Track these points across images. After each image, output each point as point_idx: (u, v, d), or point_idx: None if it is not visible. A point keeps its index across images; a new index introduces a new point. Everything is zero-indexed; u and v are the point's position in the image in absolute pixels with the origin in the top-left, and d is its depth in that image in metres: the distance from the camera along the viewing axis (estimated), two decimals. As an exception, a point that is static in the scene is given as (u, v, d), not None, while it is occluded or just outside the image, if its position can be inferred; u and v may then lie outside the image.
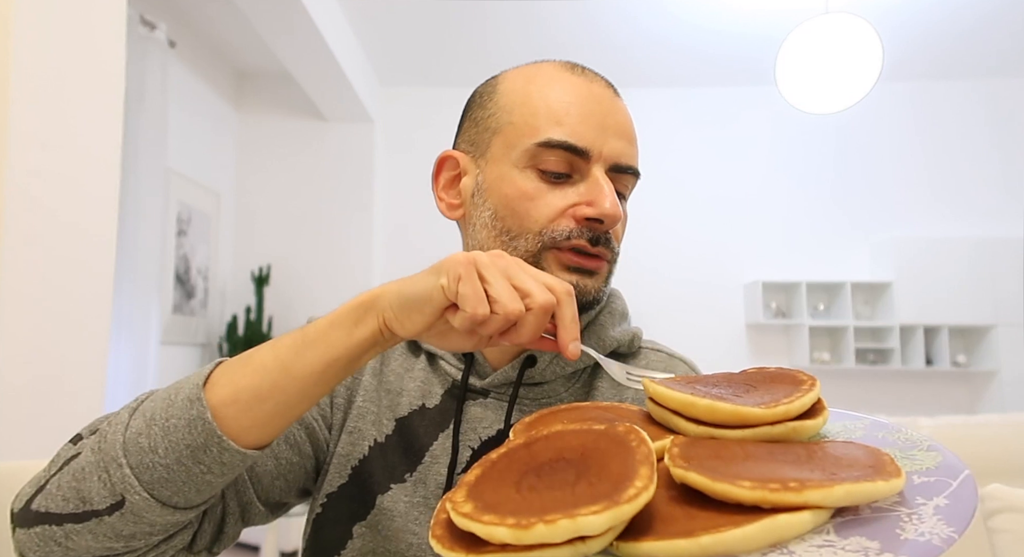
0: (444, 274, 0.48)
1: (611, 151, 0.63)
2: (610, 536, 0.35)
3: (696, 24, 3.85)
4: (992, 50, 4.13)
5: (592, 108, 0.63)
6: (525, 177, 0.62)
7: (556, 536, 0.33)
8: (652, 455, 0.39)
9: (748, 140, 4.63)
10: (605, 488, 0.36)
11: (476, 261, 0.48)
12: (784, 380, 0.48)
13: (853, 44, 2.62)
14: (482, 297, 0.47)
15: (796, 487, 0.34)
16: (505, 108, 0.65)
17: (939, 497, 0.35)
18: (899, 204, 4.53)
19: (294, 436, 0.65)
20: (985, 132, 4.50)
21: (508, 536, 0.34)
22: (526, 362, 0.65)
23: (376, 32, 4.01)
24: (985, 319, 4.21)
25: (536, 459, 0.42)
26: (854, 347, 4.27)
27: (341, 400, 0.70)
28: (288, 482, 0.65)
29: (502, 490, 0.40)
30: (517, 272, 0.48)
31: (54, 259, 1.41)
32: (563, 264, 0.61)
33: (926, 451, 0.41)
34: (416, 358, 0.71)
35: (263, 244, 4.44)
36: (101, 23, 1.52)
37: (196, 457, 0.49)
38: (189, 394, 0.50)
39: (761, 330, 4.56)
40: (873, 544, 0.32)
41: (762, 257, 4.55)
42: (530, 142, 0.62)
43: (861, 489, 0.34)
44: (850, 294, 4.32)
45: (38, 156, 1.36)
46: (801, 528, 0.33)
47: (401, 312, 0.49)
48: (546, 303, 0.47)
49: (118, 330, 3.03)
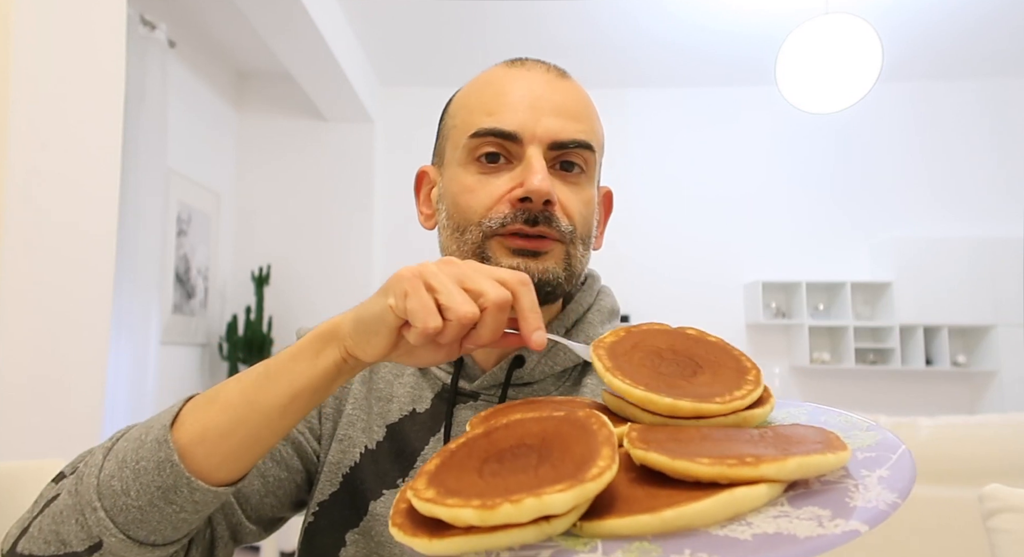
0: (391, 293, 0.47)
1: (546, 130, 0.62)
2: (574, 516, 0.36)
3: (696, 24, 3.85)
4: (992, 50, 4.13)
5: (524, 93, 0.64)
6: (466, 172, 0.64)
7: (522, 515, 0.34)
8: (613, 437, 0.39)
9: (748, 140, 4.63)
10: (569, 469, 0.37)
11: (423, 273, 0.47)
12: (726, 362, 0.49)
13: (853, 44, 2.63)
14: (431, 309, 0.45)
15: (752, 462, 0.35)
16: (451, 114, 0.69)
17: (881, 469, 0.38)
18: (899, 204, 4.53)
19: (280, 452, 0.66)
20: (985, 132, 4.50)
21: (473, 517, 0.34)
22: (514, 362, 0.65)
23: (376, 32, 4.01)
24: (985, 319, 4.20)
25: (497, 446, 0.43)
26: (854, 347, 4.27)
27: (330, 410, 0.70)
28: (279, 498, 0.66)
29: (464, 476, 0.40)
30: (469, 274, 0.47)
31: (54, 259, 1.41)
32: (507, 249, 0.61)
33: (865, 431, 0.44)
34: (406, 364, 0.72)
35: (263, 244, 4.44)
36: (101, 23, 1.52)
37: (167, 498, 0.49)
38: (157, 435, 0.50)
39: (761, 330, 4.56)
40: (825, 512, 0.34)
41: (762, 257, 4.55)
42: (465, 137, 0.64)
43: (812, 461, 0.36)
44: (850, 294, 4.32)
45: (38, 156, 1.36)
46: (758, 501, 0.35)
47: (360, 338, 0.48)
48: (500, 299, 0.46)
49: (118, 330, 3.03)
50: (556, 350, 0.66)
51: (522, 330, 0.49)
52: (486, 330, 0.47)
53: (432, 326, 0.45)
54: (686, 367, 0.49)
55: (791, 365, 4.48)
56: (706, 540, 0.33)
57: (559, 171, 0.63)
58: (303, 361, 0.50)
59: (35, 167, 1.36)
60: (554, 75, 0.67)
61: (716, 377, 0.47)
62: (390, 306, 0.47)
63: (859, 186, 4.56)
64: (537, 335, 0.48)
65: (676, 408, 0.43)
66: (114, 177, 1.55)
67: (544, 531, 0.35)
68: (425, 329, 0.45)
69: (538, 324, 0.48)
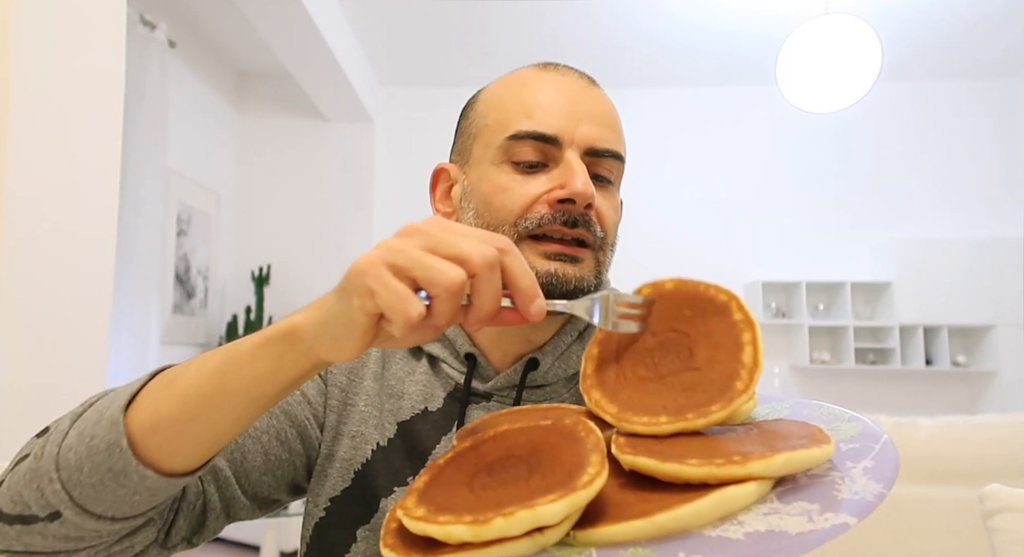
0: (354, 294, 0.41)
1: (584, 136, 0.62)
2: (567, 525, 0.36)
3: (696, 24, 3.85)
4: (992, 50, 4.13)
5: (562, 97, 0.64)
6: (500, 171, 0.63)
7: (515, 528, 0.33)
8: (602, 443, 0.39)
9: (748, 140, 4.63)
10: (559, 478, 0.37)
11: (385, 257, 0.41)
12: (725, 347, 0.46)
13: (853, 44, 2.63)
14: (408, 297, 0.40)
15: (740, 460, 0.35)
16: (482, 113, 0.68)
17: (865, 460, 0.38)
18: (899, 204, 4.53)
19: (285, 433, 0.65)
20: (985, 132, 4.50)
21: (466, 533, 0.34)
22: (529, 364, 0.65)
23: (376, 32, 4.01)
24: (985, 319, 4.20)
25: (485, 459, 0.42)
26: (854, 347, 4.27)
27: (335, 402, 0.69)
28: (276, 478, 0.65)
29: (455, 491, 0.39)
30: (442, 239, 0.41)
31: (54, 259, 1.41)
32: (543, 254, 0.60)
33: (847, 422, 0.44)
34: (417, 361, 0.71)
35: (263, 244, 4.44)
36: (101, 23, 1.52)
37: (119, 481, 0.47)
38: (112, 414, 0.47)
39: (761, 330, 4.56)
40: (814, 506, 0.34)
41: (762, 257, 4.55)
42: (502, 137, 0.63)
43: (799, 456, 0.36)
44: (850, 294, 4.32)
45: (38, 156, 1.36)
46: (748, 499, 0.35)
47: (332, 343, 0.43)
48: (487, 257, 0.41)
49: (118, 330, 3.03)
50: (569, 352, 0.66)
51: (519, 304, 0.44)
52: (485, 297, 0.42)
53: (415, 314, 0.40)
54: (681, 353, 0.47)
55: (791, 365, 4.48)
56: (700, 542, 0.33)
57: (592, 181, 0.63)
58: (264, 363, 0.46)
59: (35, 167, 1.36)
60: (587, 82, 0.67)
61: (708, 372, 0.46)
62: (358, 309, 0.41)
63: (859, 186, 4.56)
64: (536, 306, 0.43)
65: (653, 428, 0.43)
66: (114, 177, 1.55)
67: (538, 542, 0.35)
68: (408, 321, 0.40)
69: (535, 293, 0.43)
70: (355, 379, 0.70)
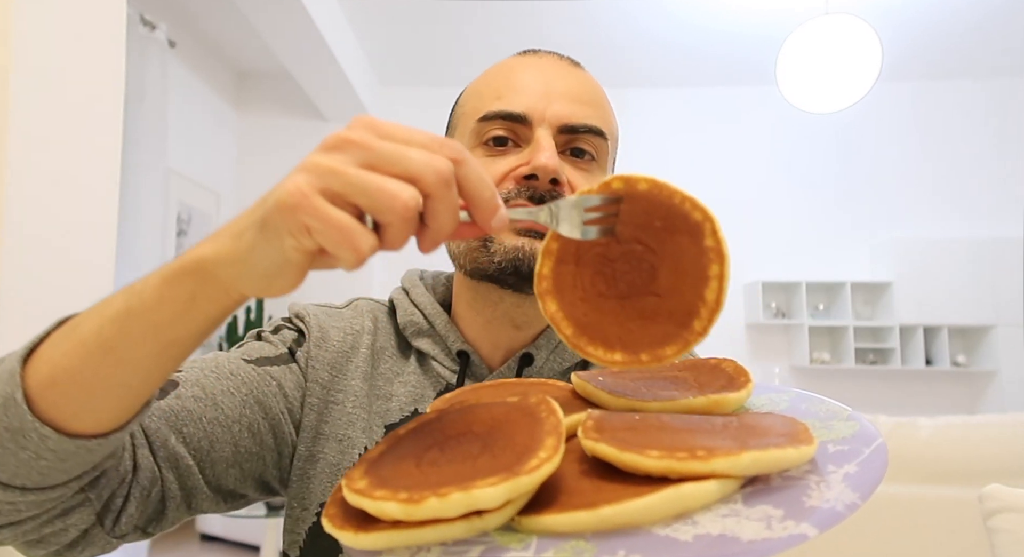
0: (284, 232, 0.35)
1: (556, 113, 0.61)
2: (510, 510, 0.34)
3: (696, 24, 3.85)
4: (993, 50, 4.13)
5: (536, 78, 0.63)
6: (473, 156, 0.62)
7: (449, 510, 0.32)
8: (561, 426, 0.37)
9: (748, 140, 4.63)
10: (507, 460, 0.35)
11: (319, 184, 0.35)
12: (691, 272, 0.43)
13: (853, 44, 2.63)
14: (353, 229, 0.34)
15: (704, 456, 0.33)
16: (461, 103, 0.68)
17: (850, 464, 0.35)
18: (899, 204, 4.53)
19: (258, 425, 0.61)
20: (985, 132, 4.50)
21: (398, 512, 0.32)
22: (523, 360, 0.65)
23: (376, 32, 4.01)
24: (985, 319, 4.20)
25: (444, 433, 0.41)
26: (854, 347, 4.27)
27: (316, 400, 0.65)
28: (243, 471, 0.61)
29: (402, 465, 0.38)
30: (382, 152, 0.35)
31: (54, 259, 1.41)
32: (511, 229, 0.60)
33: (845, 421, 0.41)
34: (406, 360, 0.69)
35: (263, 244, 4.44)
36: (101, 23, 1.52)
37: (18, 441, 0.41)
38: (10, 365, 0.42)
39: (761, 330, 4.56)
40: (777, 512, 0.31)
41: (762, 257, 4.55)
42: (473, 121, 0.63)
43: (769, 456, 0.33)
44: (850, 294, 4.32)
45: (38, 156, 1.36)
46: (707, 498, 0.32)
47: (261, 281, 0.38)
48: (442, 173, 0.35)
49: (118, 330, 3.03)
50: (564, 345, 0.66)
51: (478, 219, 0.38)
52: (443, 218, 0.36)
53: (367, 249, 0.35)
54: (644, 271, 0.43)
55: (791, 365, 4.48)
56: (644, 540, 0.31)
57: (569, 157, 0.63)
58: (172, 304, 0.40)
59: (35, 167, 1.36)
60: (567, 63, 0.66)
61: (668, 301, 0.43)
62: (292, 249, 0.35)
63: (859, 186, 4.56)
64: (498, 217, 0.39)
65: (606, 362, 0.41)
66: (114, 177, 1.55)
67: (475, 526, 0.33)
68: (359, 257, 0.35)
69: (495, 203, 0.38)
70: (338, 375, 0.67)
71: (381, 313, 0.73)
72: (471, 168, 0.37)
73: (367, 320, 0.71)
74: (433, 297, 0.72)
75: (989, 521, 1.08)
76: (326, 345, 0.68)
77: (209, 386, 0.60)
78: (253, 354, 0.66)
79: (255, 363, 0.65)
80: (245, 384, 0.62)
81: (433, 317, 0.69)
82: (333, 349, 0.68)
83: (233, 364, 0.63)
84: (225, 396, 0.60)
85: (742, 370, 0.46)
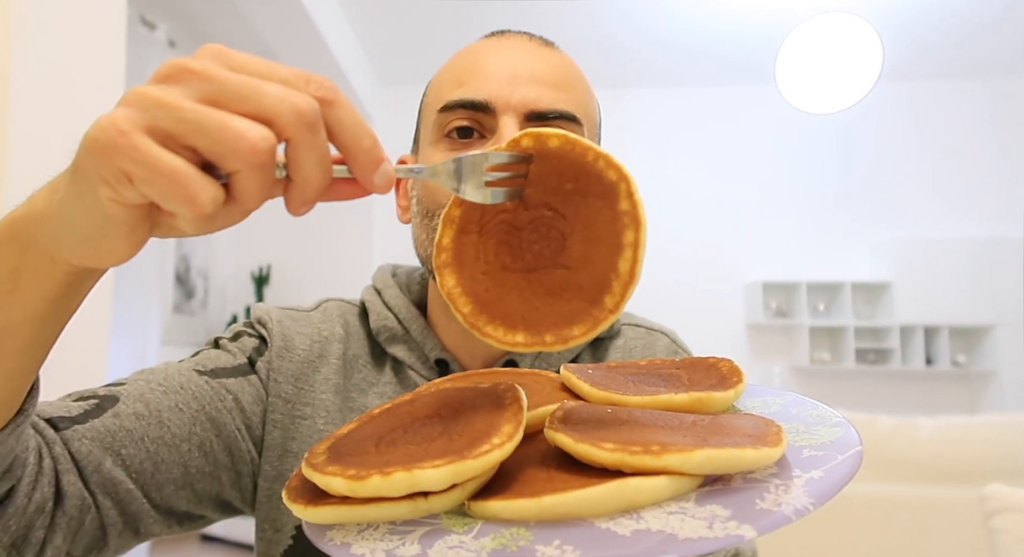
0: (99, 181, 0.28)
1: (522, 98, 0.56)
2: (458, 494, 0.34)
3: (696, 24, 3.85)
4: (993, 50, 4.13)
5: (502, 62, 0.58)
6: (435, 150, 0.59)
7: (392, 490, 0.32)
8: (522, 413, 0.36)
9: (748, 140, 4.63)
10: (460, 444, 0.35)
11: (143, 120, 0.27)
12: (604, 240, 0.39)
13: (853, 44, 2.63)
14: (189, 177, 0.27)
15: (657, 451, 0.32)
16: (426, 93, 0.64)
17: (817, 470, 0.34)
18: (899, 204, 4.53)
19: (210, 443, 0.56)
20: (985, 132, 4.50)
21: (343, 487, 0.32)
22: (506, 367, 0.62)
23: (376, 32, 4.01)
24: (985, 319, 4.20)
25: (414, 415, 0.40)
26: (854, 347, 4.27)
27: (279, 416, 0.60)
28: (196, 493, 0.56)
29: (363, 444, 0.38)
30: (231, 84, 0.28)
31: (54, 259, 1.41)
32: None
33: (831, 427, 0.39)
34: (381, 369, 0.64)
35: (263, 244, 4.44)
36: (101, 23, 1.52)
37: None
38: None
39: (761, 330, 4.56)
40: (725, 512, 0.30)
41: (762, 257, 4.55)
42: (434, 112, 0.59)
43: (725, 455, 0.32)
44: (850, 294, 4.32)
45: (38, 157, 1.36)
46: (655, 494, 0.32)
47: (80, 245, 0.31)
48: (304, 112, 0.28)
49: (118, 330, 3.03)
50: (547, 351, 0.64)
51: (356, 169, 0.32)
52: (308, 168, 0.30)
53: (208, 201, 0.28)
54: (553, 240, 0.40)
55: (791, 365, 4.48)
56: (581, 532, 0.30)
57: None
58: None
59: (35, 168, 1.36)
60: (537, 43, 0.61)
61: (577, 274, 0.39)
62: (110, 201, 0.28)
63: (859, 186, 4.56)
64: (382, 171, 0.32)
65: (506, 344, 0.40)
66: (114, 177, 1.55)
67: (420, 508, 0.33)
68: (199, 212, 0.28)
69: (378, 154, 0.32)
70: (304, 387, 0.62)
71: (352, 316, 0.68)
72: (345, 111, 0.30)
73: (337, 325, 0.66)
74: (408, 298, 0.68)
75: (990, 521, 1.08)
76: (290, 355, 0.63)
77: (155, 401, 0.54)
78: (208, 364, 0.60)
79: (209, 375, 0.59)
80: (196, 399, 0.56)
81: (408, 322, 0.65)
82: (298, 359, 0.63)
83: (184, 376, 0.57)
84: (172, 412, 0.54)
85: (736, 370, 0.45)
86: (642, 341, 0.69)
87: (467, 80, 0.57)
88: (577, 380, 0.45)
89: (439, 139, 0.59)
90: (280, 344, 0.63)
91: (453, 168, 0.37)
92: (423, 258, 0.63)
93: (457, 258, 0.40)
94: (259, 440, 0.60)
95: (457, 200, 0.40)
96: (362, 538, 0.32)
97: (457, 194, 0.38)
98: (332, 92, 0.30)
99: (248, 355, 0.62)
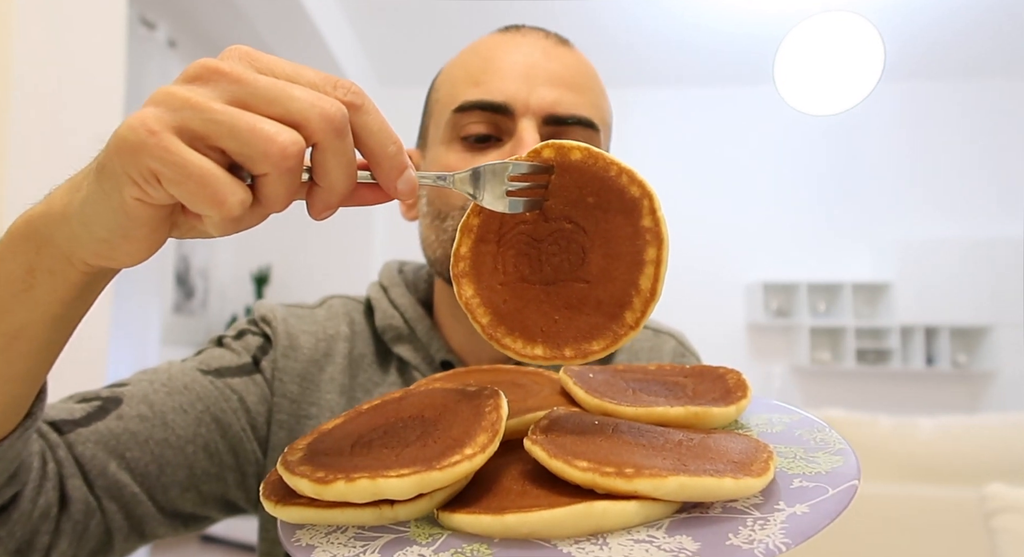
0: (126, 180, 0.28)
1: (541, 101, 0.55)
2: (425, 504, 0.33)
3: (697, 23, 3.85)
4: (992, 50, 4.13)
5: (519, 61, 0.57)
6: (449, 151, 0.57)
7: (355, 496, 0.31)
8: (500, 423, 0.35)
9: (748, 140, 4.63)
10: (432, 452, 0.34)
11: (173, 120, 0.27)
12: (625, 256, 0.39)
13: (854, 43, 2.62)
14: (216, 175, 0.27)
15: (630, 474, 0.31)
16: (435, 88, 0.63)
17: (802, 505, 0.32)
18: (899, 204, 4.53)
19: (215, 445, 0.56)
20: (986, 132, 4.50)
21: (309, 490, 0.32)
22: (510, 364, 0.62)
23: (376, 32, 4.01)
24: (985, 319, 4.20)
25: (398, 414, 0.40)
26: (854, 347, 4.27)
27: (284, 416, 0.60)
28: (202, 494, 0.56)
29: (340, 444, 0.37)
30: (261, 87, 0.28)
31: (54, 259, 1.41)
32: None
33: (831, 454, 0.37)
34: (387, 370, 0.64)
35: (263, 244, 4.44)
36: (101, 23, 1.52)
37: None
38: None
39: (761, 330, 4.55)
40: (693, 546, 0.29)
41: (762, 257, 4.55)
42: (449, 111, 0.57)
43: (699, 484, 0.30)
44: (850, 294, 4.32)
45: (38, 156, 1.36)
46: (623, 518, 0.30)
47: (98, 245, 0.31)
48: (333, 117, 0.29)
49: (118, 330, 3.03)
50: None
51: (380, 175, 0.32)
52: (335, 174, 0.30)
53: (236, 203, 0.28)
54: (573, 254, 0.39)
55: (791, 365, 4.48)
56: (542, 554, 0.29)
57: None
58: (6, 284, 0.33)
59: (35, 168, 1.36)
60: (553, 42, 0.60)
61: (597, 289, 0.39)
62: (136, 201, 0.28)
63: (859, 186, 4.56)
64: (405, 179, 0.33)
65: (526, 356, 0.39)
66: (114, 177, 1.55)
67: (385, 516, 0.33)
68: (227, 215, 0.28)
69: (402, 161, 0.32)
70: (309, 387, 0.61)
71: (358, 314, 0.67)
72: (372, 116, 0.31)
73: (342, 324, 0.65)
74: (415, 297, 0.67)
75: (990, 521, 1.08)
76: (295, 354, 0.62)
77: (158, 403, 0.53)
78: (212, 364, 0.59)
79: (213, 374, 0.58)
80: (200, 399, 0.56)
81: (414, 322, 0.64)
82: (303, 358, 0.62)
83: (188, 376, 0.57)
84: (176, 414, 0.54)
85: (742, 384, 0.43)
86: (648, 343, 0.68)
87: (483, 79, 0.56)
88: (574, 386, 0.44)
89: (453, 140, 0.57)
90: (285, 343, 0.62)
91: (473, 176, 0.37)
92: (431, 259, 0.61)
93: (475, 268, 0.40)
94: (264, 440, 0.59)
95: (476, 209, 0.39)
96: (328, 542, 0.32)
97: (476, 202, 0.38)
98: (359, 97, 0.30)
99: (252, 354, 0.61)
